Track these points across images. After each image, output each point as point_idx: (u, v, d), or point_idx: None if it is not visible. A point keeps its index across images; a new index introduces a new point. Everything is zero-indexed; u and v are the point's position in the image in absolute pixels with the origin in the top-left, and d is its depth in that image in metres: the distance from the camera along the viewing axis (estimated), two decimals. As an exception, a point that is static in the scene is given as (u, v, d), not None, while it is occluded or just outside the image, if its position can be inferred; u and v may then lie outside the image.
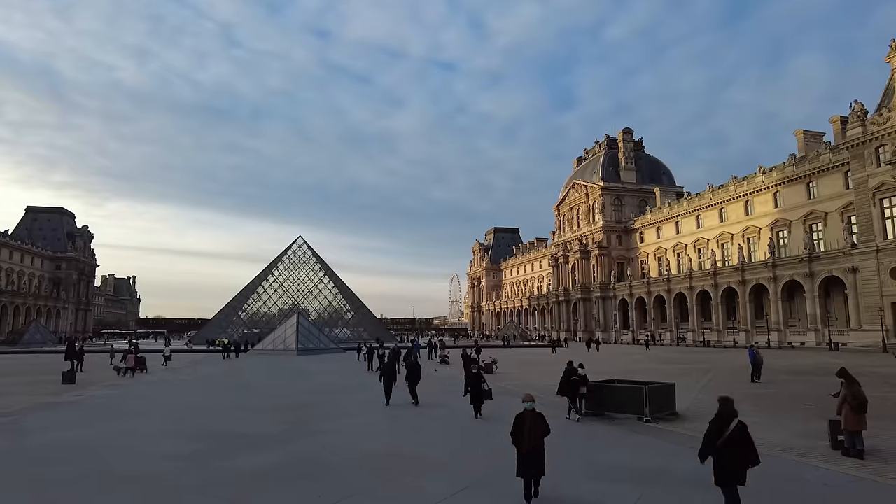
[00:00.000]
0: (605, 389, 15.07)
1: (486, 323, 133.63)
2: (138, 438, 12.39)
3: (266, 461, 10.10)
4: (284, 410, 16.69)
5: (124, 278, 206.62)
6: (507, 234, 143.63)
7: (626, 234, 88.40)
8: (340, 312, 71.87)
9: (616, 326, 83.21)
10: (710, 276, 65.74)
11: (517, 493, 7.94)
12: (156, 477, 9.05)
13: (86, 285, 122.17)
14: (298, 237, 72.58)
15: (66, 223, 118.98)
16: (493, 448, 11.27)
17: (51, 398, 19.29)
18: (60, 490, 8.36)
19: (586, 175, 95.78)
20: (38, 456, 10.63)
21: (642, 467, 9.56)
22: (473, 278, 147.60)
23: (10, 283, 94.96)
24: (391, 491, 8.32)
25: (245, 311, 69.06)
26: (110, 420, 15.06)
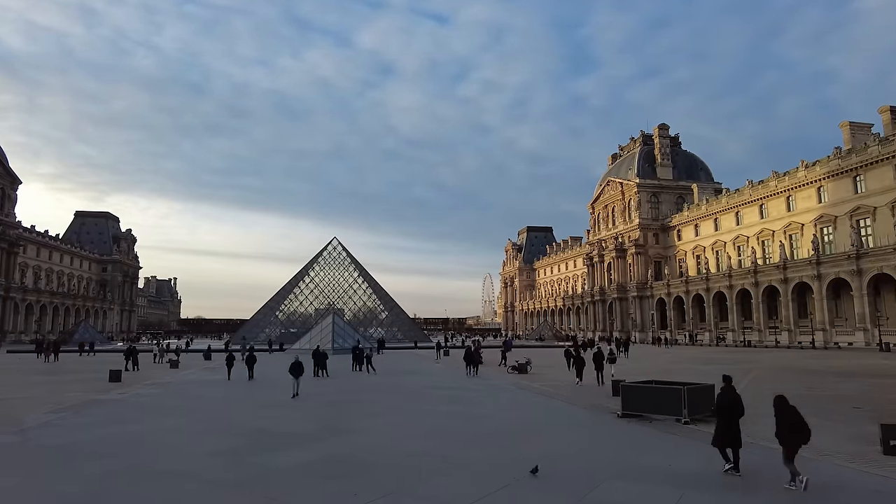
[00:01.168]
0: (643, 390, 14.77)
1: (520, 323, 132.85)
2: (178, 435, 12.73)
3: (301, 459, 10.24)
4: (319, 408, 16.91)
5: (165, 280, 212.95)
6: (540, 234, 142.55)
7: (663, 232, 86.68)
8: (375, 312, 72.53)
9: (653, 326, 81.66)
10: (751, 275, 63.91)
11: (551, 493, 7.84)
12: (195, 472, 9.27)
13: (130, 287, 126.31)
14: (333, 238, 73.67)
15: (112, 227, 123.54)
16: (527, 450, 11.18)
17: (98, 395, 19.99)
18: (108, 483, 8.65)
19: (621, 172, 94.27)
20: (87, 450, 11.02)
21: (681, 469, 9.33)
22: (506, 278, 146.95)
23: (60, 284, 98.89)
24: (425, 490, 8.32)
25: (282, 311, 70.32)
26: (152, 417, 15.51)
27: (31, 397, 19.20)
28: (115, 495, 8.12)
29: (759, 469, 9.29)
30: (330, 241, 73.18)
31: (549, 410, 16.60)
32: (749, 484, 8.50)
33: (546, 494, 7.97)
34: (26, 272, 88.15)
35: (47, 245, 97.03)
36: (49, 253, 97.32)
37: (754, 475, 8.92)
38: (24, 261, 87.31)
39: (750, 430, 12.37)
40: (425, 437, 12.47)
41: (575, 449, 11.24)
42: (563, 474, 9.10)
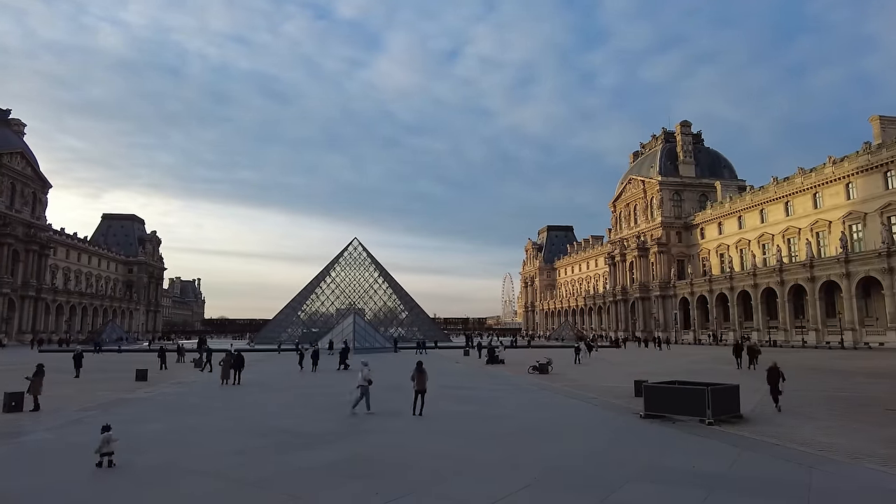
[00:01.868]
0: (666, 391, 14.61)
1: (541, 323, 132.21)
2: (202, 434, 12.93)
3: (323, 458, 10.33)
4: (340, 408, 17.03)
5: (189, 281, 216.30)
6: (560, 233, 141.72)
7: (685, 231, 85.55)
8: (395, 312, 72.91)
9: (676, 326, 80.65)
10: (776, 273, 62.74)
11: (572, 493, 7.81)
12: (220, 471, 9.41)
13: (155, 287, 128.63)
14: (354, 239, 74.32)
15: (137, 229, 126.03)
16: (548, 450, 11.15)
17: (126, 394, 20.40)
18: (136, 480, 8.83)
19: (643, 170, 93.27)
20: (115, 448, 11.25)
21: (705, 471, 9.21)
22: (527, 278, 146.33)
23: (89, 285, 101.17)
24: (446, 490, 8.34)
25: (304, 311, 71.03)
26: (177, 415, 15.78)
27: (62, 395, 19.67)
28: (143, 493, 8.29)
29: (786, 472, 9.13)
30: (350, 242, 73.97)
31: (571, 410, 16.50)
32: (774, 485, 8.36)
33: (568, 495, 7.94)
34: (56, 273, 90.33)
35: (76, 247, 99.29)
36: (78, 255, 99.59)
37: (779, 478, 8.77)
38: (55, 262, 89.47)
39: (776, 433, 12.17)
40: (446, 437, 12.49)
41: (597, 449, 11.16)
42: (585, 475, 9.04)
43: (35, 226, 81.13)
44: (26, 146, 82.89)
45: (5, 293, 72.58)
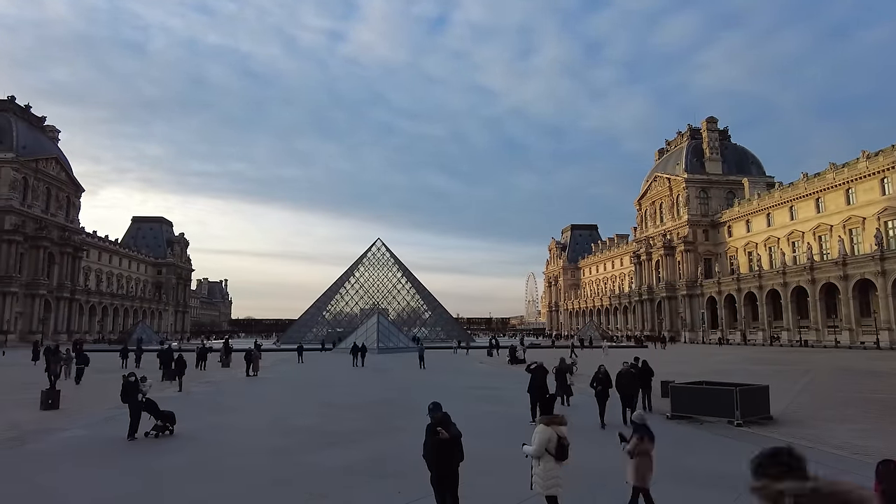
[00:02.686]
0: (693, 391, 14.39)
1: (565, 323, 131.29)
2: (232, 433, 13.15)
3: (349, 457, 10.42)
4: (365, 407, 17.17)
5: (217, 281, 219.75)
6: (584, 232, 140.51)
7: (712, 229, 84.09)
8: (418, 312, 73.19)
9: (704, 325, 79.34)
10: (807, 271, 61.27)
11: (598, 494, 7.74)
12: (249, 469, 9.57)
13: (183, 288, 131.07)
14: (377, 240, 74.88)
15: (166, 231, 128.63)
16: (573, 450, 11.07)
17: (155, 393, 20.82)
18: (168, 477, 9.03)
19: (668, 167, 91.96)
20: (149, 447, 11.52)
21: (734, 472, 9.04)
22: (550, 277, 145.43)
23: (120, 286, 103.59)
24: (470, 489, 8.34)
25: (329, 311, 71.73)
26: (207, 415, 16.08)
27: (96, 393, 20.19)
28: (174, 489, 8.46)
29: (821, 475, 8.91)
30: (374, 243, 74.61)
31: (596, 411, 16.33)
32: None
33: (593, 496, 7.88)
34: (89, 275, 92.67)
35: (107, 249, 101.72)
36: (109, 257, 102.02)
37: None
38: (88, 264, 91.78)
39: (808, 435, 11.91)
40: (470, 437, 12.48)
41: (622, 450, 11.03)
42: (612, 475, 8.96)
43: (69, 229, 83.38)
44: (60, 151, 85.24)
45: (42, 294, 74.74)
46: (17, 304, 70.37)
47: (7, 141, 73.38)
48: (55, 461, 10.36)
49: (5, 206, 70.19)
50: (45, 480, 8.98)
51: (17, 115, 78.20)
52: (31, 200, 75.37)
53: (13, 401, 18.62)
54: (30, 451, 11.15)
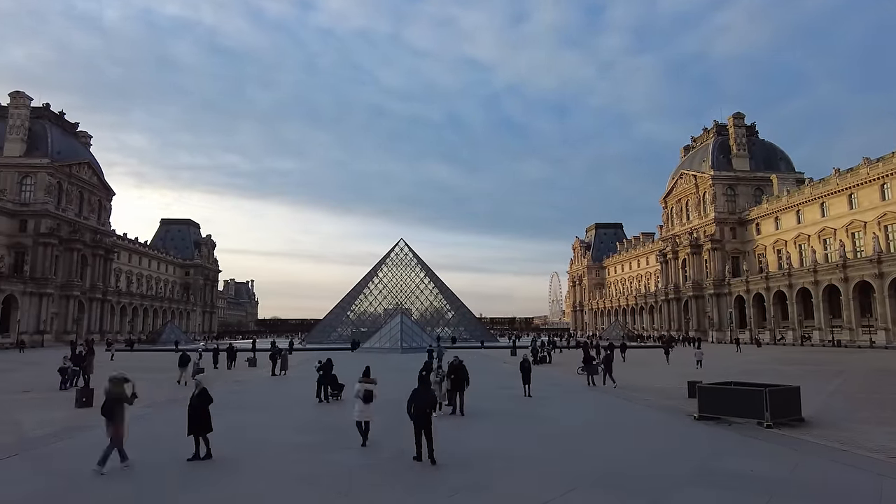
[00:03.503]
0: (721, 392, 14.13)
1: (590, 322, 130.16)
2: (257, 431, 13.32)
3: (373, 455, 10.49)
4: (388, 406, 17.24)
5: (244, 282, 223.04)
6: (609, 230, 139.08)
7: (740, 226, 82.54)
8: (441, 312, 73.32)
9: (732, 325, 77.91)
10: (840, 269, 59.72)
11: (623, 497, 7.66)
12: (273, 467, 9.69)
13: (210, 289, 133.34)
14: (400, 240, 75.24)
15: (193, 233, 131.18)
16: (597, 452, 11.00)
17: (185, 392, 21.22)
18: (196, 474, 9.20)
19: (694, 164, 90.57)
20: (172, 444, 11.75)
21: (765, 475, 8.87)
22: (574, 276, 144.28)
23: (149, 287, 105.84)
24: (495, 489, 8.32)
25: (353, 311, 72.28)
26: (232, 413, 16.30)
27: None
28: (201, 486, 8.62)
29: (853, 479, 8.70)
30: (397, 243, 74.97)
31: (621, 412, 16.19)
32: (840, 493, 7.98)
33: (618, 498, 7.80)
34: (120, 277, 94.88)
35: (137, 251, 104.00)
36: (139, 258, 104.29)
37: (845, 485, 8.37)
38: (118, 266, 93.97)
39: (842, 437, 11.61)
40: (493, 437, 12.48)
41: (648, 452, 10.91)
42: (637, 478, 8.86)
43: (101, 231, 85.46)
44: (92, 157, 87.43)
45: (76, 295, 76.76)
46: (53, 305, 72.37)
47: (42, 147, 75.57)
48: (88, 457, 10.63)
49: (41, 210, 72.26)
50: (77, 475, 9.23)
51: (52, 121, 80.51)
52: (66, 204, 77.47)
53: (49, 399, 19.15)
54: (64, 448, 11.46)
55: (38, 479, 9.25)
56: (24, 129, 75.05)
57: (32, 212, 72.05)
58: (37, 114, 77.91)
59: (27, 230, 71.46)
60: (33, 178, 73.81)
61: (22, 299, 66.74)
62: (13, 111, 75.10)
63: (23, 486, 8.72)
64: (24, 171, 73.80)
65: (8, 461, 10.22)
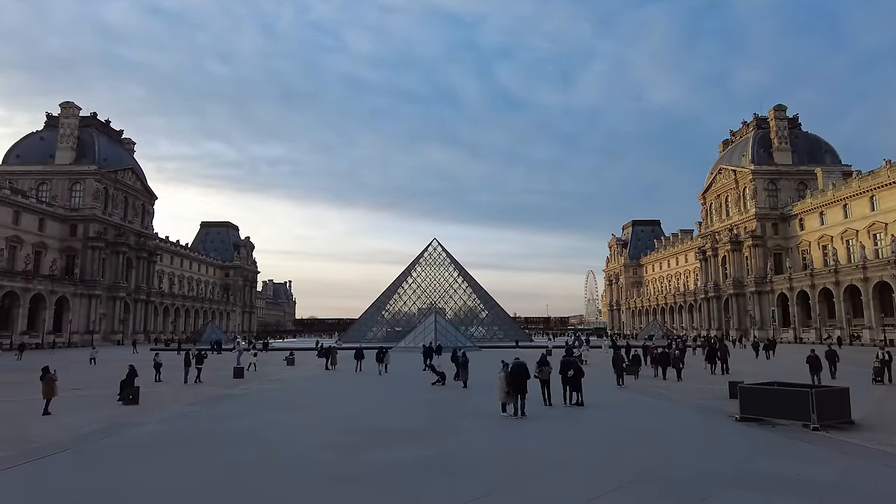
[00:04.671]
0: (764, 392, 13.74)
1: (627, 322, 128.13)
2: (295, 429, 13.57)
3: (409, 455, 10.56)
4: (424, 406, 17.35)
5: (281, 283, 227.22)
6: (646, 227, 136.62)
7: (782, 222, 79.95)
8: (475, 311, 73.27)
9: (774, 324, 75.57)
10: (891, 265, 57.27)
11: (662, 499, 7.53)
12: (310, 465, 9.86)
13: (249, 290, 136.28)
14: (433, 240, 75.55)
15: (232, 235, 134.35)
16: (635, 453, 10.84)
17: (225, 390, 21.78)
18: (235, 471, 9.43)
19: (734, 159, 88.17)
20: (218, 441, 12.07)
21: (811, 479, 8.59)
22: (611, 275, 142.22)
23: (190, 289, 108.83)
24: (530, 489, 8.29)
25: (388, 310, 72.88)
26: (272, 411, 16.66)
27: (169, 391, 21.31)
28: (244, 482, 8.83)
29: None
30: (430, 243, 75.38)
31: (660, 412, 15.90)
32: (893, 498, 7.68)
33: (657, 500, 7.67)
34: (163, 278, 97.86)
35: (178, 253, 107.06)
36: (180, 261, 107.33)
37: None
38: (161, 268, 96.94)
39: (895, 441, 11.16)
40: (528, 438, 12.41)
41: (689, 453, 10.69)
42: (677, 480, 8.70)
43: (144, 235, 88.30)
44: (136, 162, 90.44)
45: (122, 297, 79.53)
46: (101, 306, 75.15)
47: (90, 154, 78.58)
48: (134, 452, 11.02)
49: (90, 215, 75.15)
50: (125, 470, 9.57)
51: (99, 129, 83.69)
52: (111, 209, 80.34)
53: (99, 396, 19.89)
54: (111, 444, 11.89)
55: (85, 472, 9.62)
56: (74, 137, 78.19)
57: (82, 217, 75.02)
58: (85, 122, 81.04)
59: (77, 234, 74.51)
60: (82, 185, 76.79)
61: (73, 300, 69.55)
62: (63, 120, 78.32)
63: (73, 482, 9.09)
64: (74, 177, 76.89)
65: (56, 456, 10.67)
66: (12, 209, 64.99)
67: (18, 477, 9.18)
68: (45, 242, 70.27)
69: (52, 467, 9.87)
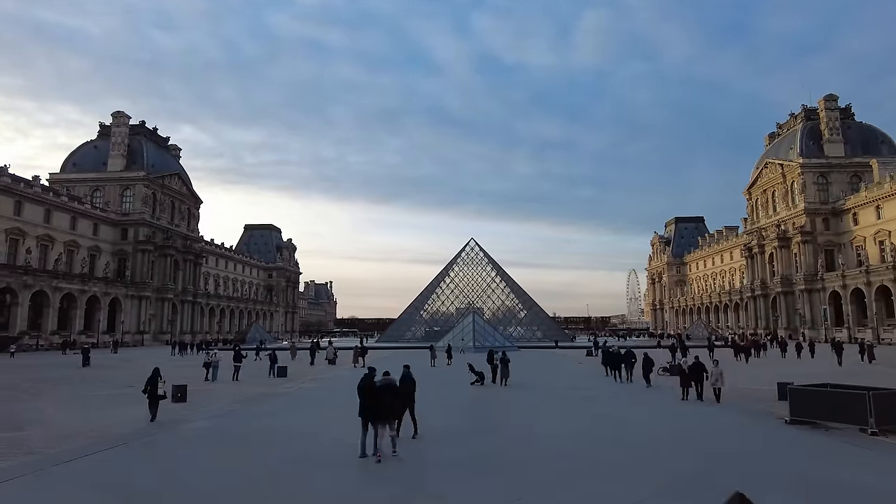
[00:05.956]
0: (817, 394, 13.22)
1: (670, 321, 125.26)
2: (336, 426, 13.74)
3: (453, 454, 10.57)
4: (466, 406, 17.35)
5: (323, 283, 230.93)
6: (690, 225, 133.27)
7: (834, 217, 76.72)
8: (513, 311, 72.89)
9: (826, 323, 72.59)
10: (955, 261, 54.33)
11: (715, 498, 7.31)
12: (353, 463, 9.97)
13: (292, 291, 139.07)
14: (470, 240, 75.55)
15: (275, 237, 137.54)
16: (681, 456, 10.60)
17: (269, 389, 22.27)
18: (278, 468, 9.63)
19: (781, 152, 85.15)
20: (260, 438, 12.35)
21: (870, 485, 8.21)
22: (653, 273, 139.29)
23: (235, 290, 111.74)
24: (575, 491, 8.19)
25: (426, 310, 73.24)
26: (314, 409, 16.96)
27: (216, 389, 21.93)
28: (286, 480, 9.01)
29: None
30: (467, 243, 75.45)
31: (706, 415, 15.48)
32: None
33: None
34: (208, 280, 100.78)
35: (223, 255, 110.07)
36: (225, 262, 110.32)
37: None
38: (207, 270, 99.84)
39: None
40: (572, 439, 12.27)
41: (737, 457, 10.37)
42: (724, 484, 8.45)
43: (190, 238, 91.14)
44: (182, 168, 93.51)
45: (170, 298, 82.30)
46: (150, 307, 77.95)
47: (139, 161, 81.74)
48: (181, 448, 11.38)
49: (139, 220, 78.11)
50: (175, 465, 9.89)
51: (147, 136, 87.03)
52: (159, 213, 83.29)
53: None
54: (160, 440, 12.30)
55: (141, 467, 9.99)
56: (124, 145, 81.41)
57: (132, 221, 78.01)
58: (134, 130, 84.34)
59: (127, 238, 77.58)
60: (132, 190, 79.89)
61: (125, 302, 72.37)
62: (115, 129, 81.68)
63: (126, 475, 9.45)
64: (125, 183, 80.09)
65: (115, 450, 11.10)
66: (69, 215, 68.20)
67: (80, 468, 9.58)
68: (98, 246, 73.38)
69: (113, 459, 10.26)
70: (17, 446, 11.32)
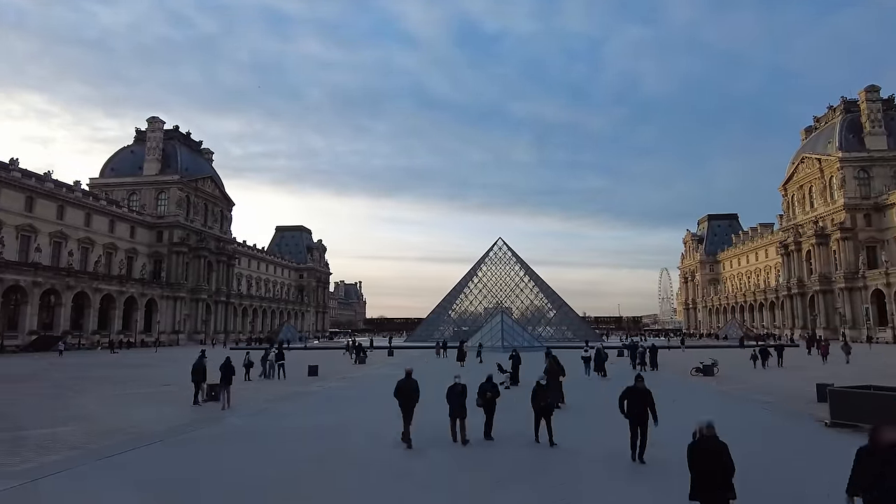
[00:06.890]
0: (859, 396, 12.82)
1: (704, 321, 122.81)
2: (367, 425, 13.88)
3: (481, 455, 10.57)
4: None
5: (352, 283, 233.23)
6: (723, 222, 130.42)
7: (876, 212, 74.15)
8: (542, 311, 72.39)
9: (868, 322, 70.20)
10: None
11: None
12: (382, 461, 10.06)
13: (322, 291, 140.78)
14: (499, 239, 75.27)
15: (305, 238, 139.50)
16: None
17: (300, 388, 22.60)
18: (308, 466, 9.78)
19: (818, 146, 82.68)
20: (291, 436, 12.55)
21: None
22: (686, 272, 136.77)
23: (267, 290, 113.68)
24: (611, 497, 8.11)
25: (454, 310, 73.26)
26: (345, 408, 17.14)
27: (250, 388, 22.34)
28: (314, 478, 9.14)
29: None
30: (495, 242, 75.13)
31: (743, 416, 15.14)
32: None
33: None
34: (241, 281, 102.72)
35: (255, 257, 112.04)
36: (257, 264, 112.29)
37: None
38: (239, 271, 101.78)
39: None
40: (605, 440, 12.14)
41: (777, 462, 10.13)
42: (764, 490, 8.26)
43: (223, 239, 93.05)
44: (214, 171, 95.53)
45: (203, 299, 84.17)
46: (185, 308, 79.83)
47: (173, 165, 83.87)
48: (211, 446, 11.63)
49: (174, 222, 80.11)
50: (206, 463, 10.12)
51: (181, 141, 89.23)
52: (193, 216, 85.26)
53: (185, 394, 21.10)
54: (192, 437, 12.60)
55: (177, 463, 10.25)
56: (159, 150, 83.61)
57: (167, 223, 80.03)
58: (168, 135, 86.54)
59: (162, 240, 79.63)
60: (166, 194, 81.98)
61: (160, 302, 74.29)
62: (150, 134, 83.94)
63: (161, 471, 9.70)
64: (160, 187, 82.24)
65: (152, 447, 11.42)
66: (108, 218, 70.34)
67: (119, 463, 9.89)
68: (135, 248, 75.50)
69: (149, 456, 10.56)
70: (61, 441, 11.74)
